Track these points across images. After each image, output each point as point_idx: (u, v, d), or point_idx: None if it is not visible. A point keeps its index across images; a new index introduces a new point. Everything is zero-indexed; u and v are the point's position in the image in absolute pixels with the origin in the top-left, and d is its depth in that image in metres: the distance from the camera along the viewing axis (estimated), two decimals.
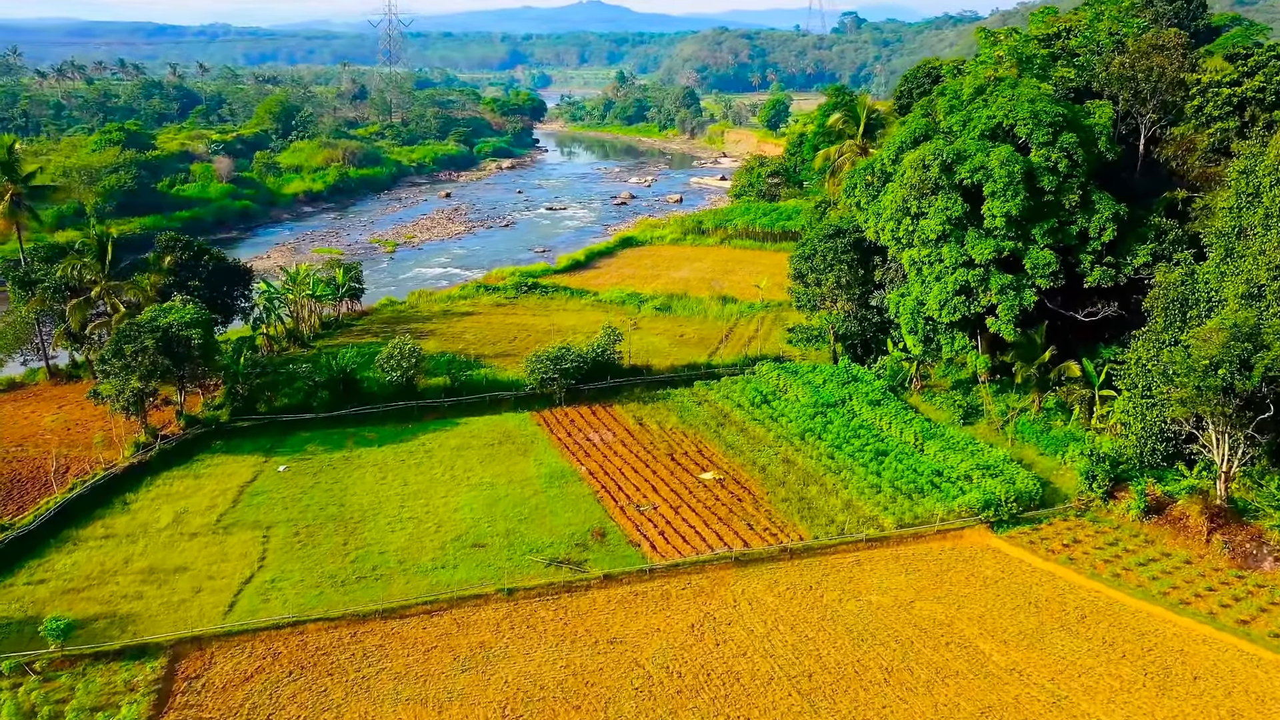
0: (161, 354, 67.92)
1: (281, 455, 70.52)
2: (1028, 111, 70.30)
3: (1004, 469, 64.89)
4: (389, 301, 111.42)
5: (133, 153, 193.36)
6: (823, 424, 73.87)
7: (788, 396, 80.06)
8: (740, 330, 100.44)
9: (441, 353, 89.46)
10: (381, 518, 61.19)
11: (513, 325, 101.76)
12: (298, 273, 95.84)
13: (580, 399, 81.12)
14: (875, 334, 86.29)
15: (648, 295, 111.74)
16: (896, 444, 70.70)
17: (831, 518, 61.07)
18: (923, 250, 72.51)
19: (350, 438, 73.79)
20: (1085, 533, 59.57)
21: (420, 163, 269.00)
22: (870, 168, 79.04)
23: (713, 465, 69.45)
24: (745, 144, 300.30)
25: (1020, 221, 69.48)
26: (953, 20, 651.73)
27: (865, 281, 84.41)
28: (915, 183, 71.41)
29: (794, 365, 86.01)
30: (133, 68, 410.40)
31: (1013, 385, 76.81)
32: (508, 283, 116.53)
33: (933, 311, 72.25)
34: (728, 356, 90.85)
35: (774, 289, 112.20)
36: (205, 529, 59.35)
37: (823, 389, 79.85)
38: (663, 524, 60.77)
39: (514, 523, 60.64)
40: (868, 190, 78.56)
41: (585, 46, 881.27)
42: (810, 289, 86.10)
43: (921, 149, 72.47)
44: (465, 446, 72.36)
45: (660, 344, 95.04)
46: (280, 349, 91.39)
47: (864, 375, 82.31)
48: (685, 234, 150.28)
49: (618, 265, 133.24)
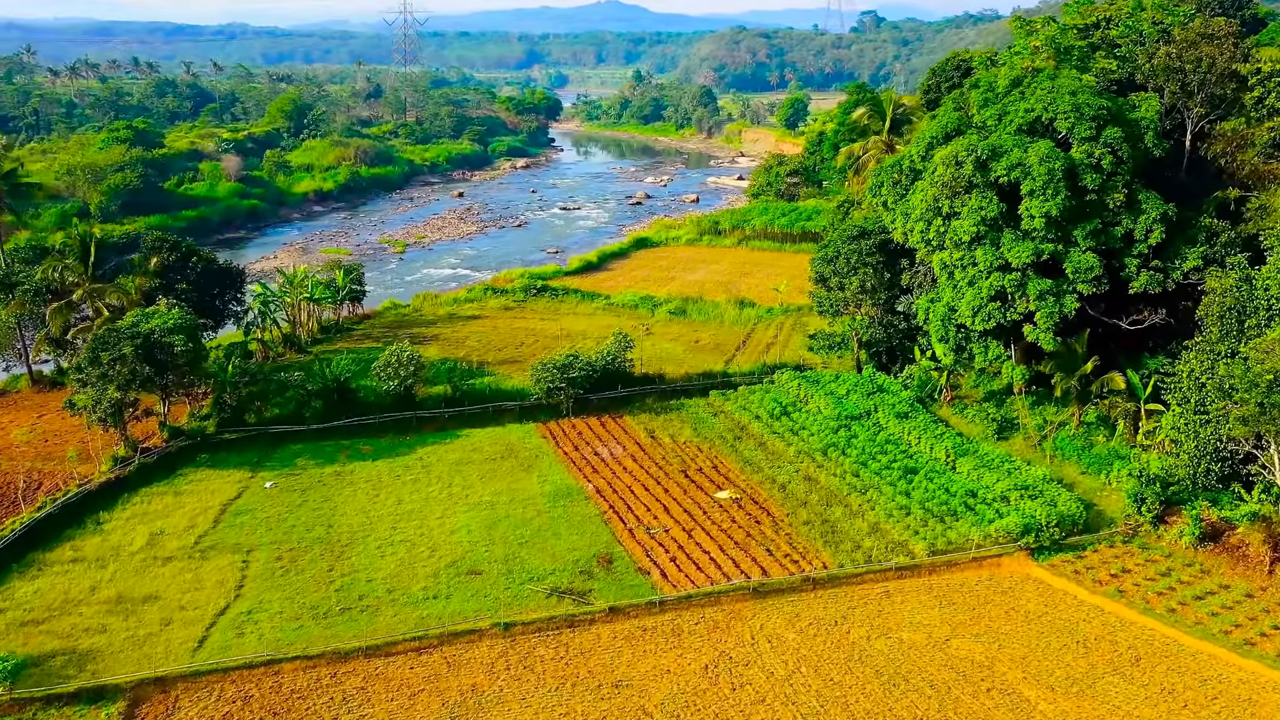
0: (142, 362, 63.79)
1: (269, 470, 66.26)
2: (1069, 104, 65.43)
3: (1044, 490, 60.01)
4: (392, 304, 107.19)
5: (139, 151, 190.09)
6: (847, 438, 69.14)
7: (809, 408, 75.36)
8: (758, 336, 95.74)
9: (443, 359, 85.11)
10: (371, 540, 56.80)
11: (520, 330, 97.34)
12: (295, 275, 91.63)
13: (589, 409, 76.66)
14: (902, 341, 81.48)
15: (662, 299, 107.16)
16: (926, 461, 65.90)
17: (858, 543, 56.36)
18: (955, 253, 67.69)
19: (343, 451, 69.47)
20: (1134, 561, 54.64)
21: (433, 162, 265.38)
22: (898, 165, 74.23)
23: (729, 483, 64.83)
24: (763, 143, 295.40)
25: (1061, 222, 64.59)
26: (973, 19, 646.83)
27: (891, 286, 79.62)
28: (947, 181, 66.60)
29: (815, 374, 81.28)
30: (146, 66, 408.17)
31: (1049, 397, 71.91)
32: (516, 285, 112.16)
33: (965, 319, 67.40)
34: (745, 364, 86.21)
35: (793, 292, 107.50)
36: (181, 552, 55.08)
37: (846, 400, 75.12)
38: (674, 549, 56.20)
39: (514, 547, 56.16)
40: (895, 189, 73.77)
41: (602, 46, 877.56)
42: (833, 293, 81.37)
43: (954, 144, 67.66)
44: (465, 461, 67.95)
45: (674, 350, 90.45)
46: (276, 354, 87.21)
47: (890, 385, 77.52)
48: (701, 235, 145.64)
49: (631, 267, 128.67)
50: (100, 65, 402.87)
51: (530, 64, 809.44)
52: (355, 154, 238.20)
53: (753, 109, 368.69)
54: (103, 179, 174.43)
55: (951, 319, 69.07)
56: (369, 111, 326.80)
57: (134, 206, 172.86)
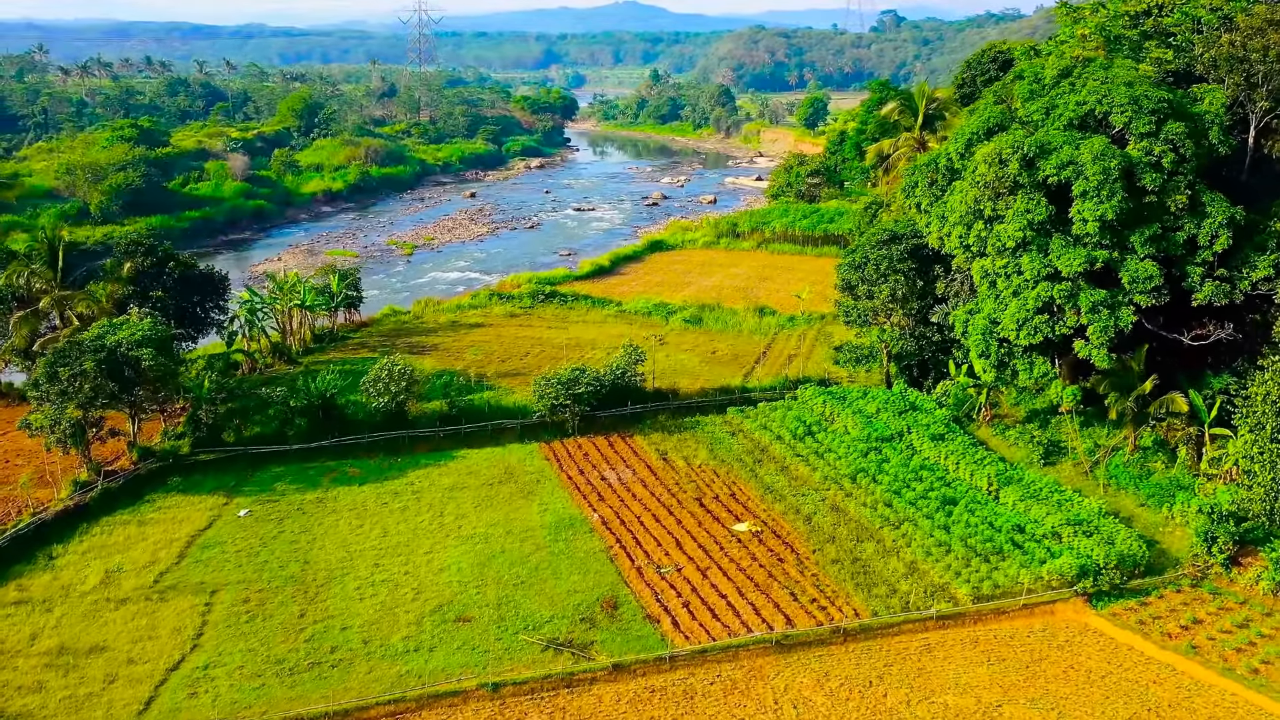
0: (106, 378, 58.26)
1: (246, 495, 60.64)
2: (1126, 96, 59.20)
3: (1100, 525, 53.79)
4: (391, 311, 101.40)
5: (142, 149, 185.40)
6: (877, 463, 63.08)
7: (835, 427, 69.32)
8: (779, 346, 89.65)
9: (439, 372, 79.27)
10: (350, 580, 51.07)
11: (526, 339, 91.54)
12: (285, 280, 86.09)
13: (596, 427, 70.82)
14: (935, 354, 75.32)
15: (676, 306, 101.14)
16: (966, 490, 59.74)
17: (893, 586, 50.32)
18: (998, 260, 61.52)
19: (328, 474, 63.81)
20: (1206, 609, 48.46)
21: (446, 161, 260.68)
22: (933, 163, 68.09)
23: (748, 513, 58.85)
24: (782, 143, 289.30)
25: (1116, 227, 58.40)
26: (994, 18, 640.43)
27: (924, 295, 73.54)
28: (990, 181, 60.46)
29: (842, 389, 75.19)
30: (159, 65, 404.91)
31: (1099, 417, 65.67)
32: (523, 290, 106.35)
33: (1008, 332, 61.20)
34: (765, 378, 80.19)
35: (816, 299, 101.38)
36: (138, 593, 49.45)
37: (876, 419, 69.06)
38: (688, 591, 50.29)
39: (509, 588, 50.33)
40: (931, 190, 67.61)
41: (620, 46, 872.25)
42: (860, 302, 75.31)
43: (997, 141, 61.50)
44: (460, 486, 62.17)
45: (689, 362, 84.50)
46: (264, 365, 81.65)
47: (923, 403, 71.38)
48: (719, 237, 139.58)
49: (645, 271, 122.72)
50: (113, 64, 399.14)
51: (548, 64, 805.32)
52: (366, 153, 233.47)
53: (771, 109, 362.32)
54: (104, 178, 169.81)
55: (993, 332, 62.88)
56: (383, 111, 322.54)
57: (136, 207, 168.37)
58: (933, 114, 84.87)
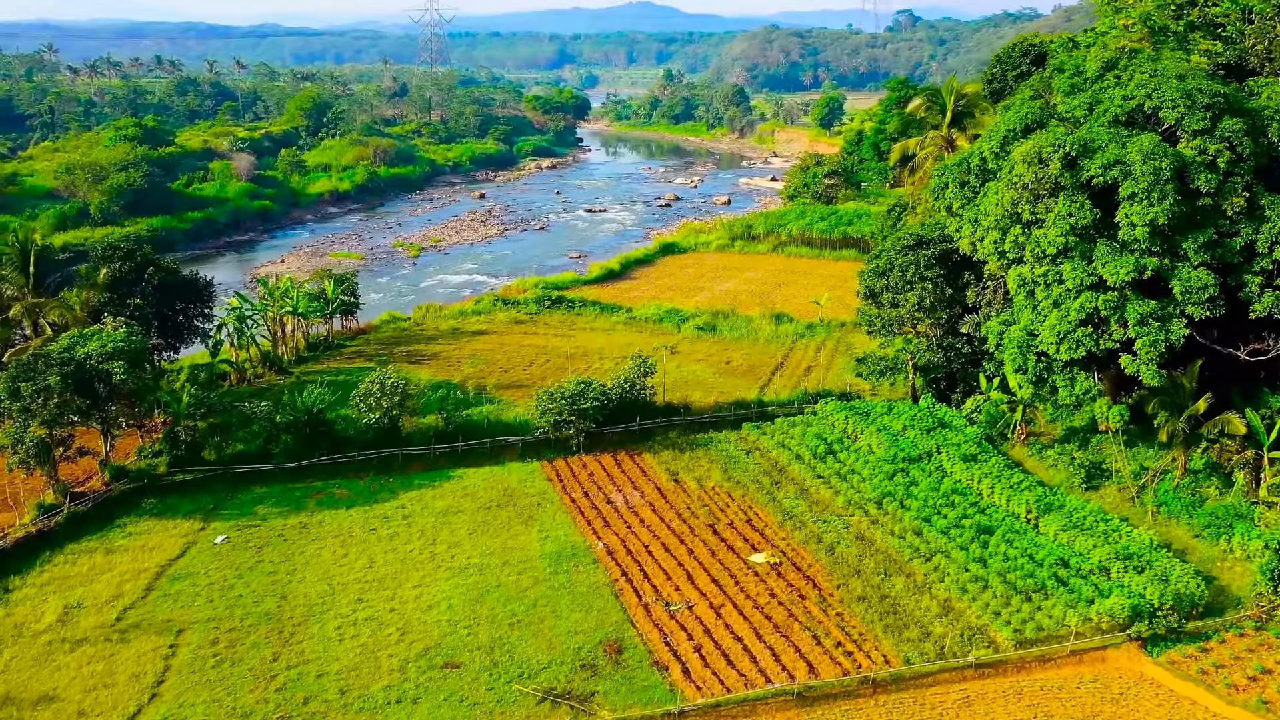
0: (74, 393, 54.07)
1: (224, 519, 56.32)
2: (1178, 90, 54.41)
3: (1152, 559, 49.07)
4: (391, 318, 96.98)
5: (144, 149, 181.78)
6: (905, 486, 58.41)
7: (859, 446, 64.68)
8: (797, 356, 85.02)
9: (437, 384, 74.89)
10: (330, 617, 46.67)
11: (530, 348, 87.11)
12: (276, 286, 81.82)
13: (602, 444, 66.33)
14: (964, 367, 70.63)
15: (689, 312, 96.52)
16: (1003, 517, 55.02)
17: (926, 628, 45.68)
18: (1037, 268, 56.77)
19: (314, 495, 59.47)
20: (1275, 657, 43.60)
21: (456, 162, 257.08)
22: (964, 163, 63.28)
23: (766, 542, 54.24)
24: (797, 143, 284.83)
25: (1167, 232, 53.61)
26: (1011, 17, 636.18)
27: (953, 303, 68.86)
28: (1028, 182, 55.72)
29: (865, 404, 70.51)
30: (169, 64, 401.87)
31: (1143, 437, 60.93)
32: (529, 296, 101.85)
33: (1047, 346, 56.41)
34: (783, 390, 75.59)
35: (835, 306, 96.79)
36: (98, 633, 45.15)
37: (903, 437, 64.39)
38: (699, 632, 45.75)
39: (503, 628, 45.86)
40: (962, 191, 62.83)
41: (634, 46, 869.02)
42: (885, 311, 70.63)
43: (1036, 139, 56.73)
44: (455, 510, 57.74)
45: (702, 373, 79.95)
46: (254, 376, 77.42)
47: (953, 420, 66.65)
48: (733, 240, 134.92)
49: (656, 276, 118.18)
50: (123, 64, 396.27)
51: (561, 64, 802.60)
52: (374, 153, 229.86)
53: (786, 109, 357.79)
54: (104, 179, 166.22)
55: (1031, 345, 58.08)
56: (394, 110, 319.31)
57: (138, 207, 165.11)
58: (961, 111, 79.99)
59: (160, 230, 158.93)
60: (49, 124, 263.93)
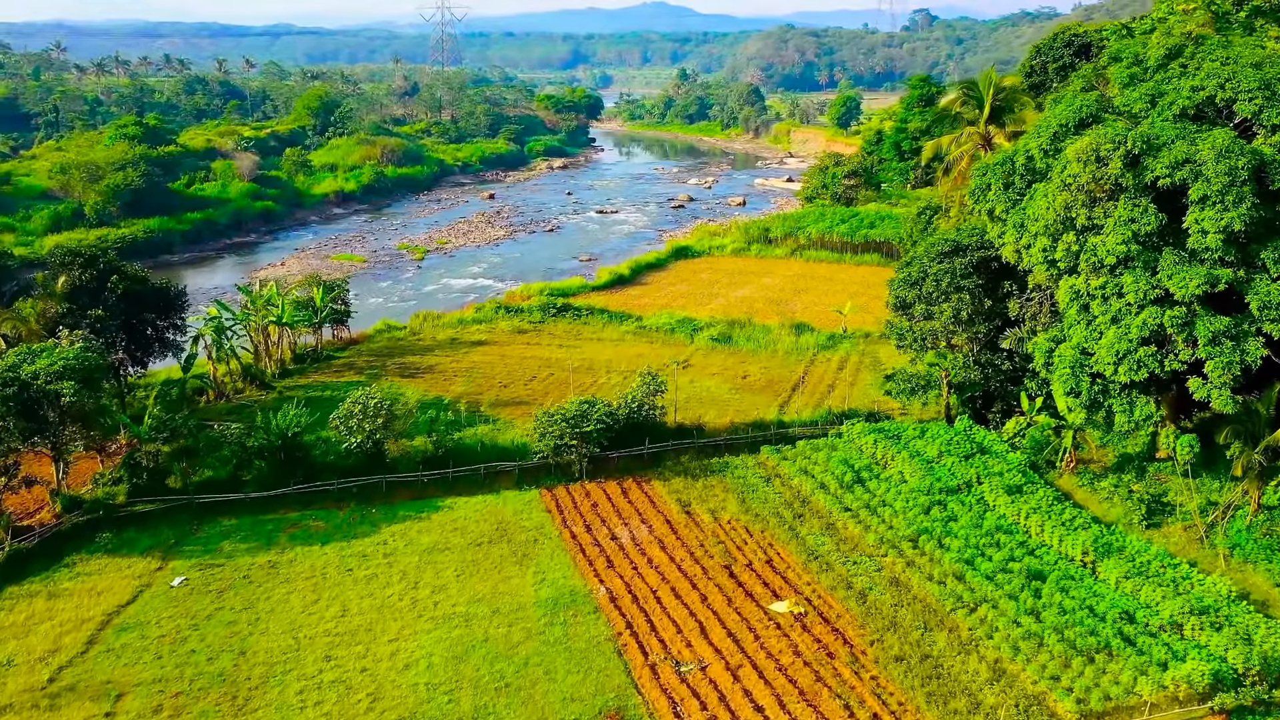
0: (18, 416, 48.55)
1: (185, 557, 50.66)
2: (1255, 81, 48.36)
3: (1232, 614, 42.97)
4: (386, 326, 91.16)
5: (143, 148, 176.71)
6: (943, 521, 52.36)
7: (889, 474, 58.63)
8: (819, 370, 79.02)
9: (429, 402, 69.07)
10: (293, 679, 40.88)
11: (533, 360, 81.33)
12: (259, 293, 76.20)
13: (607, 470, 60.51)
14: (1003, 385, 64.59)
15: (703, 322, 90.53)
16: (1055, 560, 48.92)
17: (975, 696, 39.61)
18: (1093, 279, 50.70)
19: (287, 528, 53.71)
20: None
21: (466, 162, 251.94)
22: (1009, 162, 57.16)
23: (788, 587, 48.28)
24: (813, 143, 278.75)
25: (1243, 240, 47.58)
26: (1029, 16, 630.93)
27: (992, 315, 62.85)
28: (1084, 183, 49.68)
29: (895, 425, 64.48)
30: (178, 63, 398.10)
31: (1208, 465, 54.74)
32: (533, 303, 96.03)
33: (1104, 366, 50.35)
34: (804, 409, 69.62)
35: (859, 315, 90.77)
36: (25, 699, 39.43)
37: (938, 465, 58.36)
38: (714, 700, 39.80)
39: (488, 694, 40.01)
40: (1006, 193, 56.73)
41: (648, 46, 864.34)
42: (917, 324, 64.65)
43: (1092, 135, 50.66)
44: (442, 547, 51.95)
45: (717, 389, 74.05)
46: (234, 391, 71.81)
47: (993, 444, 60.57)
48: (749, 243, 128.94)
49: (668, 281, 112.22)
50: (131, 62, 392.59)
51: (575, 64, 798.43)
52: (382, 153, 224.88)
53: (802, 108, 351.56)
54: (101, 178, 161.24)
55: (1084, 365, 52.01)
56: (403, 110, 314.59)
57: (136, 208, 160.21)
58: (1000, 105, 73.73)
59: (157, 232, 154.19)
60: (53, 123, 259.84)
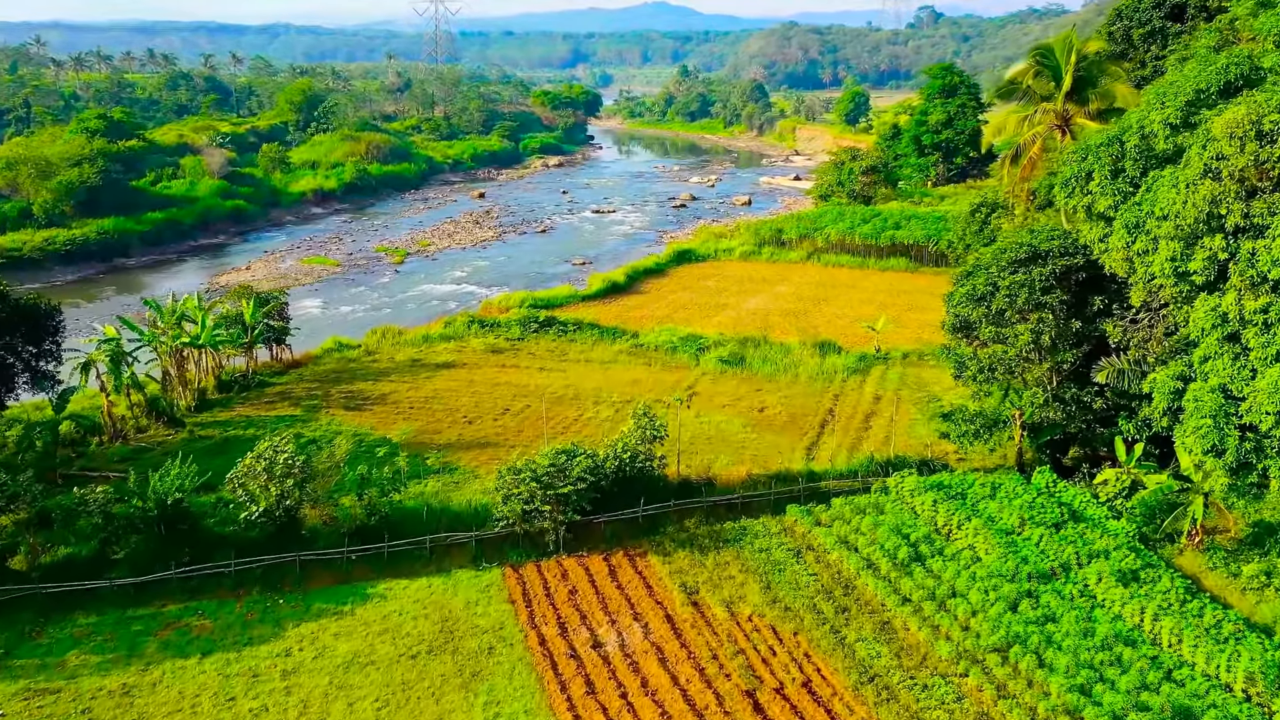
0: None
1: (11, 678, 37.09)
2: None
3: None
4: (336, 345, 77.02)
5: (101, 142, 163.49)
6: (1040, 623, 38.81)
7: (957, 546, 45.09)
8: (850, 400, 65.52)
9: (372, 441, 55.54)
10: None
11: (507, 388, 67.84)
12: (173, 308, 62.72)
13: (591, 539, 47.04)
14: (1089, 426, 51.21)
15: (710, 340, 76.92)
16: (1205, 689, 35.41)
17: None
18: (1249, 299, 37.34)
19: (161, 630, 40.17)
20: None
21: (457, 159, 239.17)
22: (1115, 142, 43.75)
23: None
24: (820, 141, 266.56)
25: None
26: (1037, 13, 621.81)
27: (1080, 339, 49.50)
28: (1240, 168, 36.36)
29: (957, 479, 50.70)
30: (162, 58, 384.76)
31: None
32: (512, 317, 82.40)
33: (1260, 417, 36.99)
34: (838, 453, 56.13)
35: (893, 330, 77.40)
36: None
37: (1021, 537, 44.82)
38: None
39: None
40: (1115, 183, 43.34)
41: (648, 45, 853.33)
42: (985, 350, 51.26)
43: (1246, 103, 37.28)
44: (364, 660, 38.39)
45: (728, 426, 60.61)
46: (135, 430, 58.35)
47: (1085, 508, 47.04)
48: (760, 246, 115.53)
49: (670, 290, 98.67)
50: (114, 58, 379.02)
51: (575, 64, 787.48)
52: (367, 149, 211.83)
53: (807, 105, 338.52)
54: (54, 175, 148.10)
55: (1231, 414, 38.63)
56: (395, 106, 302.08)
57: (94, 207, 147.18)
58: (1084, 76, 59.74)
59: (112, 233, 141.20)
60: (25, 119, 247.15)
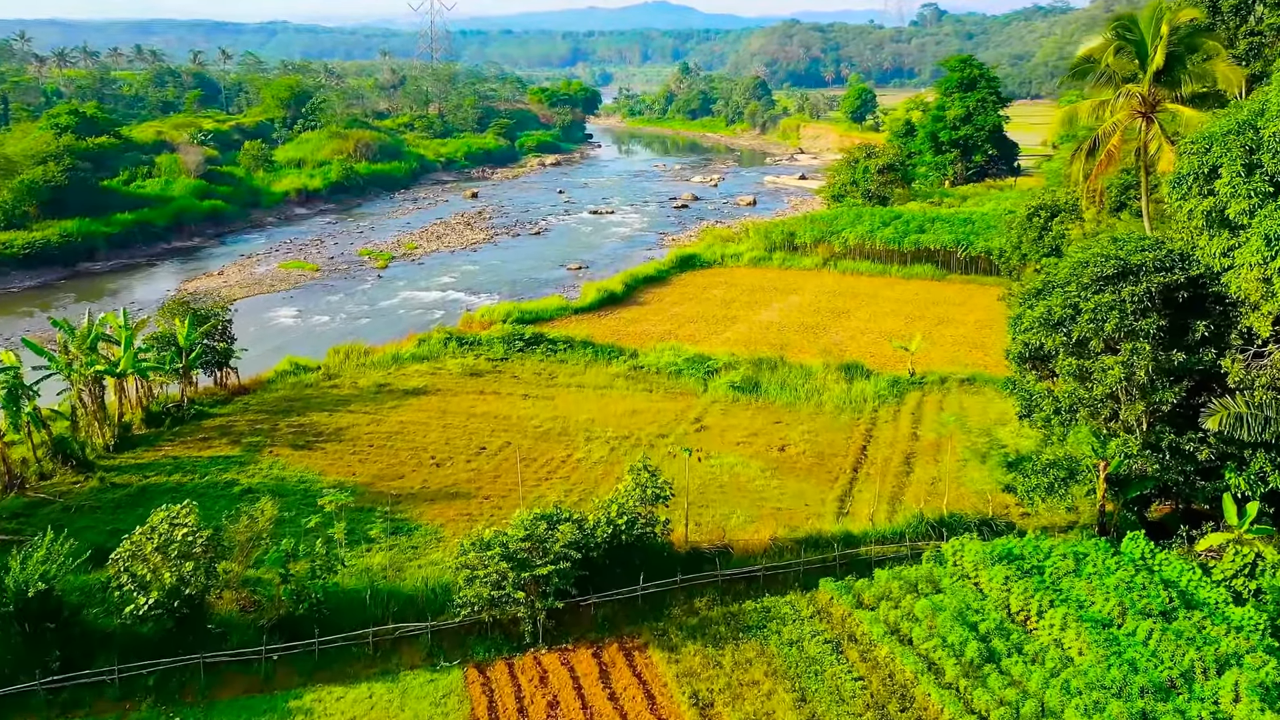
0: None
1: None
2: None
3: None
4: (291, 367, 67.05)
5: (69, 138, 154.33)
6: None
7: (1040, 643, 35.59)
8: (885, 436, 55.95)
9: (315, 492, 45.98)
10: None
11: (485, 420, 58.30)
12: (88, 329, 53.24)
13: (579, 626, 37.48)
14: (1190, 478, 41.71)
15: (720, 360, 67.30)
16: None
17: None
18: None
19: None
20: None
21: (450, 158, 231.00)
22: (1250, 129, 34.26)
23: None
24: (825, 139, 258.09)
25: None
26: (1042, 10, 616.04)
27: (1181, 374, 40.08)
28: None
29: (1031, 547, 40.89)
30: (150, 54, 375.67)
31: None
32: (495, 333, 72.79)
33: None
34: (878, 506, 46.54)
35: (926, 349, 68.02)
36: None
37: (1124, 634, 35.22)
38: None
39: None
40: (1250, 181, 33.89)
41: (649, 43, 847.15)
42: (1061, 384, 41.80)
43: None
44: None
45: (744, 469, 51.06)
46: (37, 477, 48.86)
47: (1192, 584, 37.43)
48: (770, 251, 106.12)
49: (672, 300, 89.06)
50: (100, 54, 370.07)
51: (574, 62, 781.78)
52: (356, 147, 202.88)
53: (811, 103, 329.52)
54: (16, 173, 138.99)
55: None
56: (388, 104, 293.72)
57: (60, 207, 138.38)
58: (1178, 53, 49.55)
59: (77, 235, 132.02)
60: (1, 115, 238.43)
